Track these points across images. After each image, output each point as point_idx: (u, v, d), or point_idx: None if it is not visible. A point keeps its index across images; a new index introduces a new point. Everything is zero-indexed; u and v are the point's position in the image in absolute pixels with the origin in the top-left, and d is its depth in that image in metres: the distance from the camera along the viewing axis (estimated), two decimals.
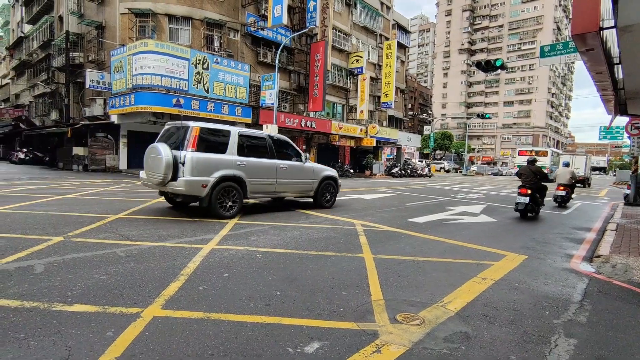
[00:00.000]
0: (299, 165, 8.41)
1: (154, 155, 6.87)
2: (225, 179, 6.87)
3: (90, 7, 23.73)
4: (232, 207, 7.01)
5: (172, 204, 8.25)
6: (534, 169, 9.10)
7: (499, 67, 13.44)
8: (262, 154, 7.74)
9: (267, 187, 7.79)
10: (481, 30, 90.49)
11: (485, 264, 4.63)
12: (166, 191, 7.24)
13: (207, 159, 6.71)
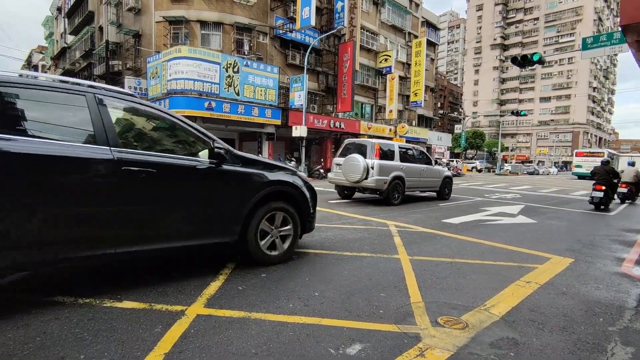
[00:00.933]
0: (431, 167, 11.35)
1: (353, 162, 9.67)
2: (395, 178, 9.85)
3: (128, 16, 24.84)
4: (397, 197, 9.95)
5: (342, 197, 11.21)
6: (608, 169, 10.80)
7: (536, 62, 12.89)
8: (412, 160, 10.74)
9: (416, 184, 10.78)
10: (515, 24, 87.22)
11: (528, 267, 4.44)
12: (356, 187, 10.04)
13: (386, 164, 9.76)
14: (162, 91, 19.42)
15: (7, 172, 2.54)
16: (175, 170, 3.35)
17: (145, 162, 3.12)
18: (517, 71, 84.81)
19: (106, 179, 2.94)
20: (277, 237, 4.12)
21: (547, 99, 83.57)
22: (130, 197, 3.07)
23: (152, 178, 3.16)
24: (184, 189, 3.41)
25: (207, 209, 3.55)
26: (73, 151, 2.80)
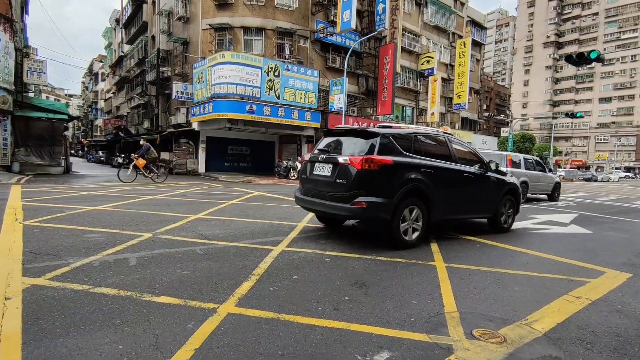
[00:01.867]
0: (545, 174, 13.94)
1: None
2: (522, 182, 11.87)
3: (178, 25, 26.20)
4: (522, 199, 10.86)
5: None
6: None
7: (594, 60, 12.02)
8: (532, 168, 13.16)
9: (535, 187, 13.12)
10: (571, 20, 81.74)
11: (579, 281, 4.11)
12: None
13: (517, 172, 11.91)
14: (207, 95, 20.25)
15: (434, 176, 5.49)
16: (474, 175, 6.30)
17: (468, 171, 6.20)
18: (573, 70, 79.29)
19: (458, 179, 6.00)
20: (510, 217, 7.23)
21: (608, 100, 77.34)
22: (466, 189, 6.18)
23: (470, 179, 6.19)
24: (478, 185, 6.41)
25: (487, 197, 6.64)
26: (445, 165, 5.82)
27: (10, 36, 16.20)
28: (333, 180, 5.16)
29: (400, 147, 5.30)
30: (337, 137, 5.80)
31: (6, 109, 16.38)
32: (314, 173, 5.58)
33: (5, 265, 3.72)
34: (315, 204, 5.49)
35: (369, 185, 4.91)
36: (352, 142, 5.46)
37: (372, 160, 4.89)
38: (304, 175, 5.85)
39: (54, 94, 72.21)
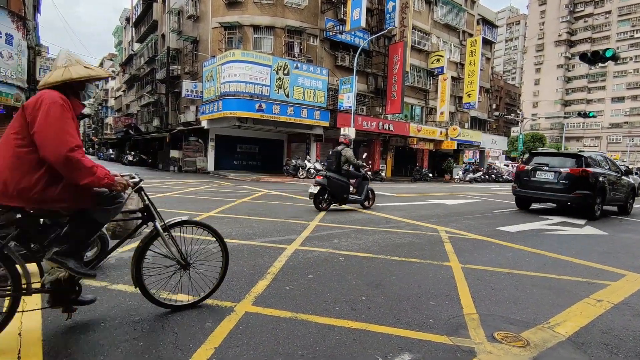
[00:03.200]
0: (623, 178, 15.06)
1: None
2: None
3: (187, 24, 26.33)
4: None
5: None
6: None
7: (609, 58, 11.79)
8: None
9: None
10: (584, 18, 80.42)
11: (599, 284, 4.02)
12: None
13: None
14: (216, 93, 20.32)
15: (606, 179, 9.34)
16: (619, 178, 10.12)
17: (617, 175, 10.09)
18: (585, 69, 78.08)
19: (614, 181, 9.74)
20: (631, 205, 10.97)
21: (621, 99, 76.00)
22: (616, 187, 9.89)
23: (618, 180, 10.03)
24: (620, 184, 10.15)
25: (624, 194, 10.38)
26: (608, 172, 9.62)
27: (23, 34, 16.40)
28: (557, 181, 9.14)
29: (592, 162, 9.27)
30: (544, 156, 9.90)
31: (19, 107, 16.61)
32: (536, 177, 9.52)
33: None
34: (540, 194, 9.45)
35: (581, 183, 8.78)
36: (561, 160, 9.49)
37: (585, 170, 8.82)
38: (526, 178, 9.70)
39: None
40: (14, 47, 15.95)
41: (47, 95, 2.12)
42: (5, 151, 2.07)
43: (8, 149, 2.07)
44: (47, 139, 2.02)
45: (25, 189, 2.05)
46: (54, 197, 2.13)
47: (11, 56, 15.88)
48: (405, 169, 30.13)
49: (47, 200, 2.12)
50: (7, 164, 2.05)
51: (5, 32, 15.55)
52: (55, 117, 2.06)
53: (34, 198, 2.08)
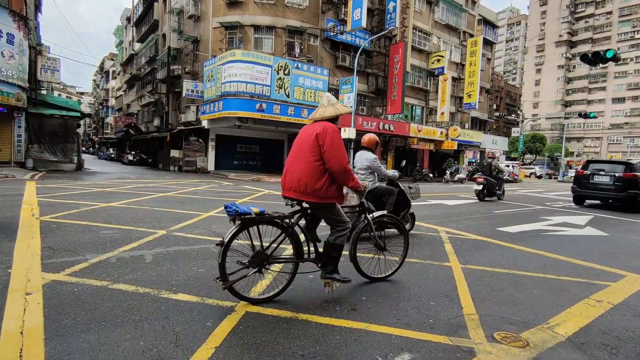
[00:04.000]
0: None
1: None
2: None
3: (188, 24, 26.34)
4: None
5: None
6: None
7: (610, 59, 11.79)
8: None
9: None
10: (585, 19, 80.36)
11: (599, 284, 4.03)
12: None
13: None
14: (217, 93, 20.32)
15: None
16: None
17: None
18: (586, 70, 78.03)
19: None
20: None
21: (621, 100, 75.95)
22: None
23: None
24: None
25: None
26: None
27: (24, 34, 16.42)
28: (612, 184, 11.39)
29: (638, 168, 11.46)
30: (599, 163, 12.26)
31: (20, 106, 16.63)
32: (594, 180, 11.91)
33: (25, 260, 3.76)
34: (597, 194, 11.88)
35: (632, 185, 10.99)
36: (613, 166, 11.79)
37: (635, 174, 11.10)
38: (585, 181, 12.17)
39: (65, 92, 73.18)
40: (15, 46, 15.97)
41: (329, 125, 3.08)
42: (304, 164, 3.04)
43: (307, 163, 3.03)
44: (333, 157, 2.98)
45: (317, 189, 3.00)
46: (331, 195, 3.07)
47: (12, 56, 15.90)
48: (405, 169, 30.14)
49: (328, 197, 3.06)
50: (306, 173, 3.01)
51: (7, 31, 15.57)
52: (337, 141, 3.03)
53: (321, 195, 3.02)
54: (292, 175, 3.10)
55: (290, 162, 3.19)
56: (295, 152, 3.18)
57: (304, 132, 3.19)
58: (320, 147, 3.00)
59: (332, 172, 3.02)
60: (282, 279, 3.28)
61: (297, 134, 3.05)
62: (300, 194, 3.05)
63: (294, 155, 3.18)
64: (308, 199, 3.06)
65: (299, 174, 3.04)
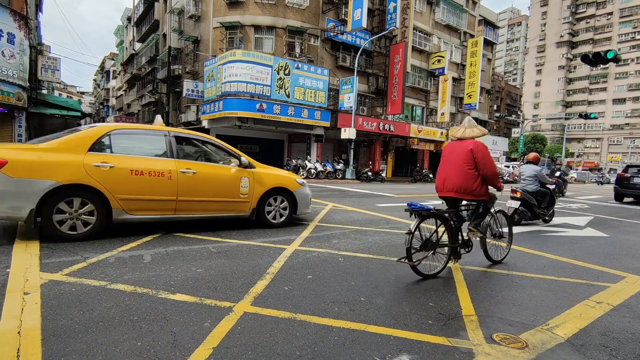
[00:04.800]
0: None
1: None
2: None
3: (189, 24, 26.34)
4: None
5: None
6: None
7: (610, 60, 11.75)
8: None
9: None
10: (586, 20, 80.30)
11: (599, 286, 4.02)
12: None
13: None
14: (217, 93, 20.33)
15: None
16: None
17: None
18: (586, 70, 77.99)
19: None
20: None
21: (622, 101, 75.90)
22: None
23: None
24: None
25: None
26: None
27: (25, 33, 16.42)
28: None
29: None
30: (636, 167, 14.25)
31: (21, 106, 16.63)
32: (633, 182, 13.72)
33: (23, 260, 3.75)
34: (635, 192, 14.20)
35: None
36: None
37: None
38: (626, 182, 14.26)
39: (66, 92, 73.22)
40: (15, 46, 15.97)
41: (479, 143, 4.08)
42: (460, 172, 4.03)
43: (463, 171, 4.03)
44: (486, 166, 4.01)
45: (473, 190, 4.02)
46: (482, 193, 4.09)
47: (13, 55, 15.90)
48: (405, 169, 30.13)
49: (480, 195, 4.08)
50: (463, 178, 4.01)
51: (7, 31, 15.57)
52: (488, 154, 4.06)
53: (476, 194, 4.05)
54: (451, 181, 4.08)
55: (445, 172, 4.17)
56: (447, 163, 4.18)
57: (454, 147, 4.18)
58: (474, 159, 3.99)
59: (486, 177, 4.04)
60: (442, 259, 4.09)
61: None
62: (461, 194, 4.05)
63: (447, 166, 4.17)
64: (466, 197, 4.10)
65: (457, 180, 4.04)
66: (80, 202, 4.49)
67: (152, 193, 4.89)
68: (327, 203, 9.73)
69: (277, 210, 6.14)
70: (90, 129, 4.80)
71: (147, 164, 4.88)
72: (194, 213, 5.33)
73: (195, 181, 5.20)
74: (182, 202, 5.13)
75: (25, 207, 4.17)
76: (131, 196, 4.74)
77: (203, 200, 5.32)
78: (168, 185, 4.97)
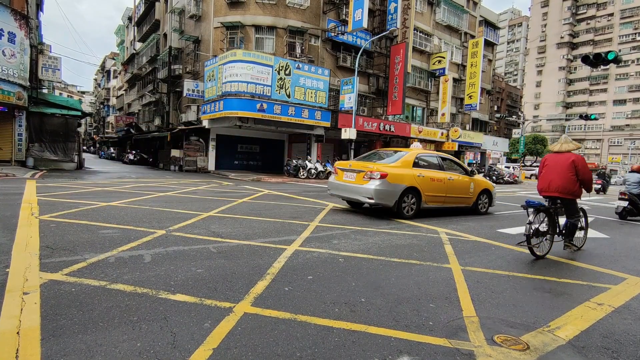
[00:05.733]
0: None
1: None
2: None
3: (189, 23, 26.34)
4: None
5: None
6: None
7: (611, 61, 11.70)
8: None
9: None
10: (586, 21, 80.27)
11: (600, 287, 4.01)
12: None
13: None
14: (218, 93, 20.31)
15: None
16: None
17: None
18: (587, 71, 77.96)
19: None
20: None
21: (622, 102, 75.84)
22: None
23: None
24: None
25: None
26: None
27: (25, 33, 16.43)
28: None
29: None
30: None
31: (21, 105, 16.63)
32: None
33: (23, 259, 3.75)
34: None
35: None
36: None
37: None
38: None
39: (67, 91, 73.27)
40: (16, 45, 15.98)
41: (579, 156, 5.24)
42: (564, 177, 5.19)
43: (566, 177, 5.19)
44: (586, 174, 5.18)
45: (574, 191, 5.20)
46: (578, 193, 5.23)
47: (13, 54, 15.91)
48: None
49: (576, 195, 5.23)
50: (567, 182, 5.18)
51: (8, 30, 15.57)
52: (587, 165, 5.22)
53: (574, 194, 5.21)
54: (556, 183, 5.25)
55: (549, 177, 5.35)
56: (551, 170, 5.35)
57: (556, 158, 5.37)
58: (576, 167, 5.16)
59: (584, 181, 5.22)
60: (547, 245, 5.24)
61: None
62: (564, 194, 5.23)
63: (551, 173, 5.33)
64: (567, 197, 5.24)
65: (561, 183, 5.22)
66: (411, 196, 7.82)
67: (438, 191, 8.24)
68: (327, 203, 9.72)
69: (483, 204, 9.46)
70: (411, 154, 8.19)
71: (435, 174, 8.23)
72: (450, 204, 8.65)
73: (453, 185, 8.51)
74: (448, 197, 8.47)
75: (394, 199, 7.58)
76: (430, 193, 8.09)
77: (455, 196, 8.64)
78: (443, 187, 8.31)
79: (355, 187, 7.78)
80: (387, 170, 7.54)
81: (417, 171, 7.89)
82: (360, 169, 7.80)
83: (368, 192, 7.45)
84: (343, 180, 8.15)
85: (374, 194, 7.36)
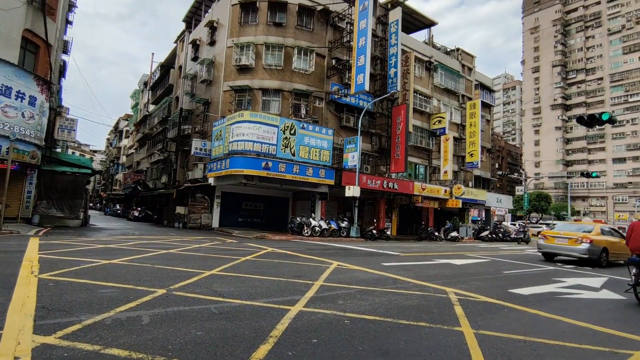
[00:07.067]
0: None
1: None
2: None
3: (201, 87, 27.93)
4: None
5: None
6: None
7: (605, 121, 12.09)
8: None
9: None
10: (577, 84, 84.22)
11: (623, 354, 3.75)
12: None
13: None
14: (224, 152, 20.88)
15: None
16: None
17: None
18: (583, 131, 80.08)
19: None
20: None
21: (622, 160, 76.81)
22: None
23: None
24: None
25: None
26: None
27: (46, 97, 17.43)
28: None
29: None
30: None
31: (34, 164, 17.12)
32: None
33: (17, 321, 3.62)
34: None
35: None
36: None
37: None
38: None
39: (79, 150, 75.69)
40: (36, 107, 16.87)
41: None
42: None
43: None
44: None
45: None
46: None
47: (32, 116, 16.72)
48: (410, 227, 29.81)
49: None
50: None
51: (30, 94, 16.55)
52: None
53: None
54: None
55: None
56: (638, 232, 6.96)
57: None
58: None
59: None
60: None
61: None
62: None
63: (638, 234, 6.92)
64: None
65: None
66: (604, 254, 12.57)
67: (613, 250, 12.51)
68: (331, 262, 9.52)
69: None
70: (597, 225, 13.20)
71: (611, 239, 12.96)
72: (615, 259, 12.73)
73: (614, 245, 12.69)
74: (614, 254, 12.64)
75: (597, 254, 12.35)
76: (613, 251, 12.54)
77: (616, 253, 12.70)
78: (614, 246, 12.63)
79: (569, 248, 12.51)
80: (592, 237, 12.24)
81: (608, 238, 12.84)
82: (571, 236, 12.58)
83: (581, 251, 12.19)
84: (555, 243, 12.96)
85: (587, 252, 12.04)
